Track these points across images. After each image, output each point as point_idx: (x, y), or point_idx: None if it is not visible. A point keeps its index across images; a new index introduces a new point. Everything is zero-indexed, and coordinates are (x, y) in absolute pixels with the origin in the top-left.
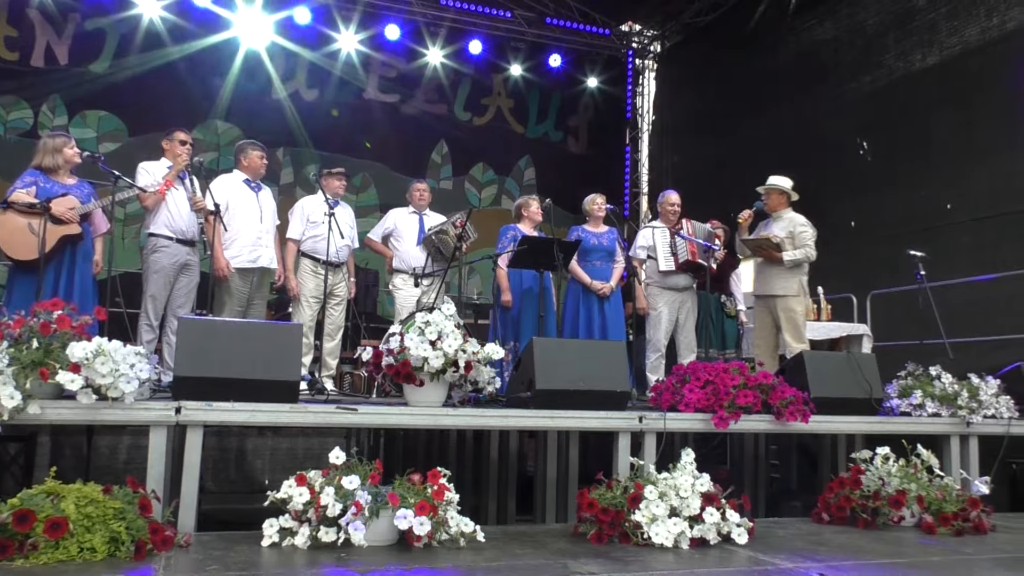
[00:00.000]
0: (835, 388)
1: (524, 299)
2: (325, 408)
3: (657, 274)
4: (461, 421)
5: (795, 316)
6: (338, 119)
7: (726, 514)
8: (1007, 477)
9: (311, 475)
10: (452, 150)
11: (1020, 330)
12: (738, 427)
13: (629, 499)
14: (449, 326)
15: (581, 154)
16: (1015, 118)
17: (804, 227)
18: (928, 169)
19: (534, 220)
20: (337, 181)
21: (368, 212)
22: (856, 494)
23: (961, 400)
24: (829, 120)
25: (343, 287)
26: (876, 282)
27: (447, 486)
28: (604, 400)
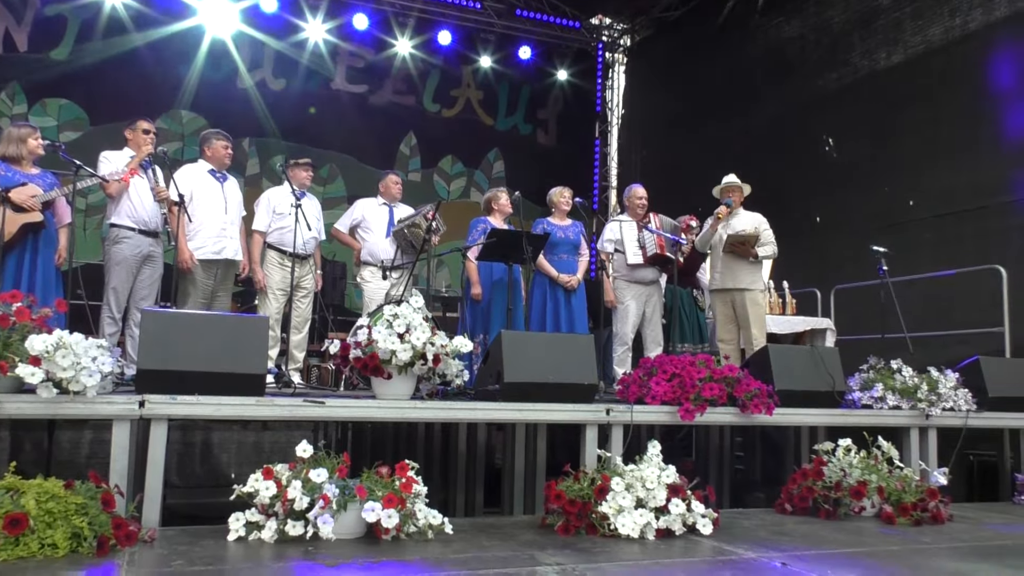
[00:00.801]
0: (799, 381)
1: (494, 292)
2: (292, 401)
3: (624, 268)
4: (429, 414)
5: (759, 310)
6: (306, 109)
7: (691, 505)
8: (964, 468)
9: (278, 468)
10: (421, 142)
11: (978, 325)
12: (704, 419)
13: (596, 491)
14: (417, 319)
15: (550, 147)
16: (977, 117)
17: (765, 223)
18: (892, 166)
19: (504, 213)
20: (304, 172)
21: (335, 204)
22: (818, 485)
23: (921, 393)
24: (796, 117)
25: (310, 279)
26: (840, 277)
27: (415, 479)
28: (572, 393)
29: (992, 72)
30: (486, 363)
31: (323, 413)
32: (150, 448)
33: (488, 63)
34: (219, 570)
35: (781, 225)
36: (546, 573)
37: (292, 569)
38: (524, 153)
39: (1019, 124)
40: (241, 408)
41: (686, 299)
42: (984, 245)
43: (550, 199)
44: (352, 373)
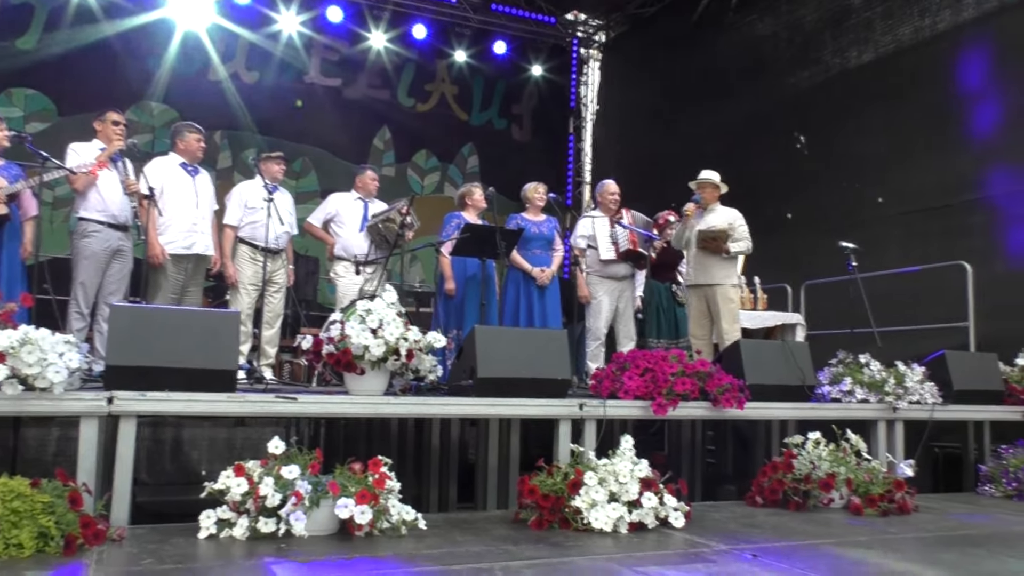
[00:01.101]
0: (770, 375)
1: (467, 287)
2: (264, 397)
3: (597, 263)
4: (402, 409)
5: (732, 305)
6: (280, 102)
7: (664, 499)
8: (930, 460)
9: (249, 465)
10: (395, 136)
11: (944, 320)
12: (676, 414)
13: (569, 485)
14: (391, 314)
15: (525, 142)
16: (944, 117)
17: (740, 219)
18: (862, 164)
19: (478, 208)
20: (276, 165)
21: (308, 198)
22: (788, 478)
23: (888, 387)
24: (769, 114)
25: (282, 274)
26: (810, 272)
27: (388, 475)
28: (545, 388)
29: (960, 72)
30: (459, 358)
31: (295, 409)
32: (119, 445)
33: (463, 57)
34: (190, 568)
35: (754, 221)
36: (519, 568)
37: (264, 567)
38: (499, 148)
39: (985, 124)
40: (212, 404)
41: (664, 294)
42: (950, 242)
43: (524, 194)
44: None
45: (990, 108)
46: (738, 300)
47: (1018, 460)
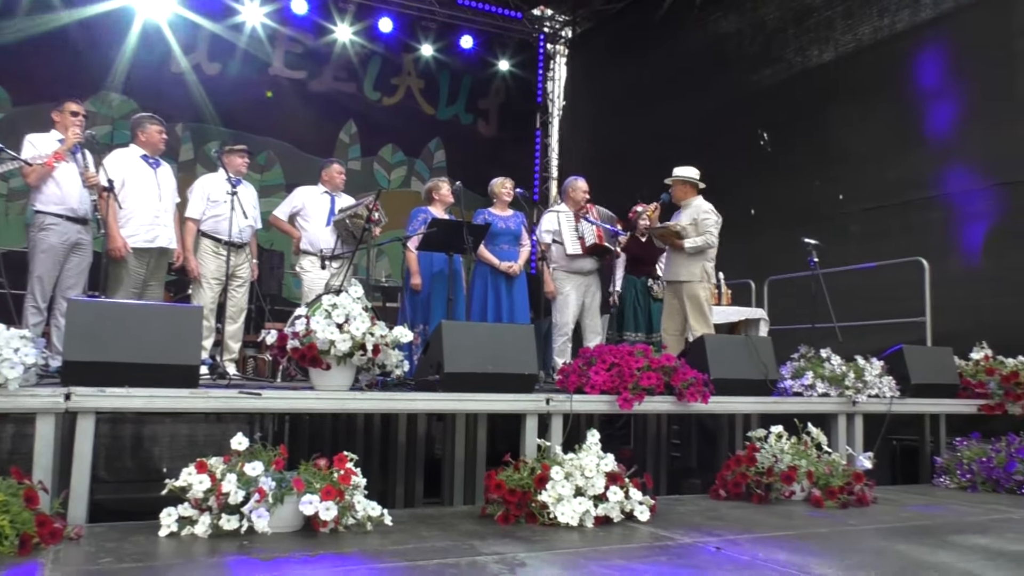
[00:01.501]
0: (733, 370)
1: (434, 282)
2: (227, 393)
3: (563, 258)
4: (368, 405)
5: (699, 301)
6: (243, 95)
7: (629, 492)
8: (888, 453)
9: (212, 462)
10: (361, 130)
11: (902, 315)
12: (642, 408)
13: (536, 480)
14: (357, 309)
15: (492, 137)
16: (903, 116)
17: (707, 214)
18: (824, 161)
19: (445, 203)
20: (239, 159)
21: (273, 191)
22: (751, 471)
23: (848, 381)
24: (732, 111)
25: (246, 268)
26: (773, 268)
27: (354, 470)
28: (512, 383)
29: (918, 72)
30: (426, 353)
31: (259, 405)
32: (76, 442)
33: (429, 52)
34: (150, 567)
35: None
36: (485, 563)
37: (226, 564)
38: (465, 143)
39: (941, 123)
40: (174, 400)
41: (639, 288)
42: (908, 238)
43: (491, 189)
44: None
45: (947, 107)
46: (704, 296)
47: (972, 452)
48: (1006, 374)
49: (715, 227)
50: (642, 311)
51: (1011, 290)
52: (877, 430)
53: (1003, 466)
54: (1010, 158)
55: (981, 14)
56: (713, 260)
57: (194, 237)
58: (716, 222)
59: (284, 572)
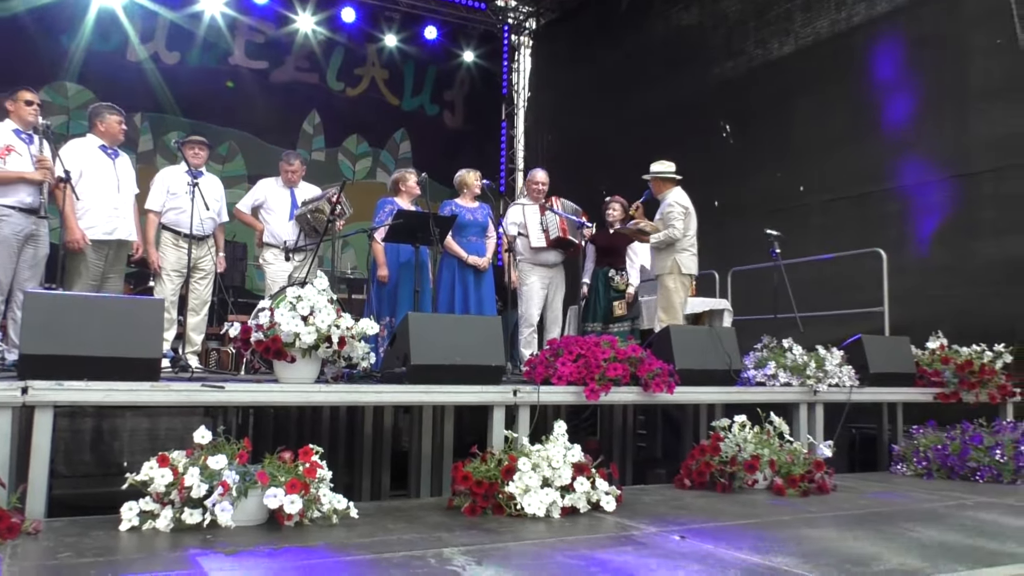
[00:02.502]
0: (698, 360)
1: (401, 274)
2: (189, 386)
3: (528, 251)
4: (334, 398)
5: (668, 293)
6: (203, 84)
7: (596, 483)
8: (847, 441)
9: (174, 456)
10: (325, 120)
11: (861, 305)
12: (608, 399)
13: (503, 471)
14: (322, 301)
15: (457, 128)
16: (860, 107)
17: (671, 206)
18: (784, 153)
19: (412, 194)
20: (197, 151)
21: (235, 183)
22: (715, 460)
23: (809, 370)
24: (696, 103)
25: (208, 260)
26: (737, 259)
27: (319, 463)
28: (479, 374)
29: (874, 64)
30: (393, 345)
31: (223, 398)
32: (34, 436)
33: (393, 42)
34: (110, 561)
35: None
36: (452, 555)
37: (189, 558)
38: (431, 134)
39: (897, 115)
40: (134, 394)
41: (600, 278)
42: (867, 230)
43: (461, 180)
44: (254, 357)
45: (903, 100)
46: (674, 287)
47: (928, 440)
48: (960, 363)
49: (679, 219)
50: (602, 301)
51: (965, 280)
52: (837, 419)
53: (958, 453)
54: (964, 151)
55: (935, 8)
56: (688, 251)
57: (155, 229)
58: (682, 212)
59: (248, 565)
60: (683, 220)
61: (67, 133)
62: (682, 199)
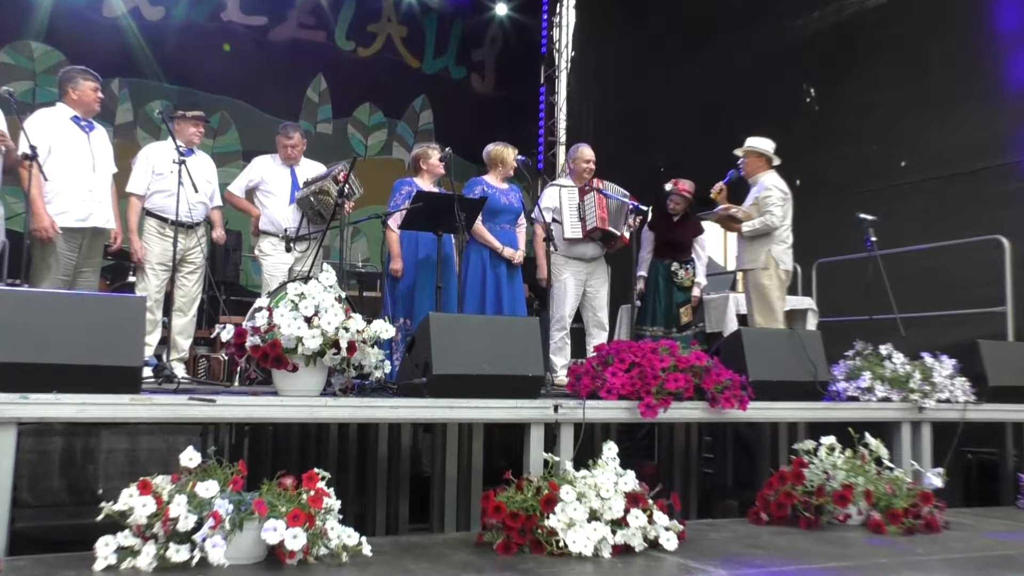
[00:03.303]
0: (776, 370)
1: (420, 268)
2: (175, 399)
3: (562, 241)
4: (343, 413)
5: (763, 292)
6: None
7: (653, 516)
8: (961, 468)
9: (157, 481)
10: (332, 86)
11: (978, 304)
12: (667, 416)
13: (542, 502)
14: (328, 299)
15: (488, 95)
16: (976, 66)
17: (769, 190)
18: (881, 121)
19: (434, 174)
20: (192, 128)
21: (228, 160)
22: (798, 490)
23: (913, 383)
24: (772, 63)
25: (198, 253)
26: (823, 249)
27: (326, 491)
28: (514, 386)
29: (994, 12)
30: (411, 352)
31: (213, 413)
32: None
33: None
34: None
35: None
36: None
37: None
38: (457, 102)
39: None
40: (112, 408)
41: (662, 274)
42: (984, 213)
43: (497, 155)
44: (249, 364)
45: None
46: (771, 285)
47: None
48: None
49: (778, 205)
50: (662, 301)
51: None
52: (948, 441)
53: None
54: None
55: None
56: (785, 243)
57: (138, 215)
58: (781, 198)
59: None
60: (782, 207)
61: (32, 102)
62: (780, 183)
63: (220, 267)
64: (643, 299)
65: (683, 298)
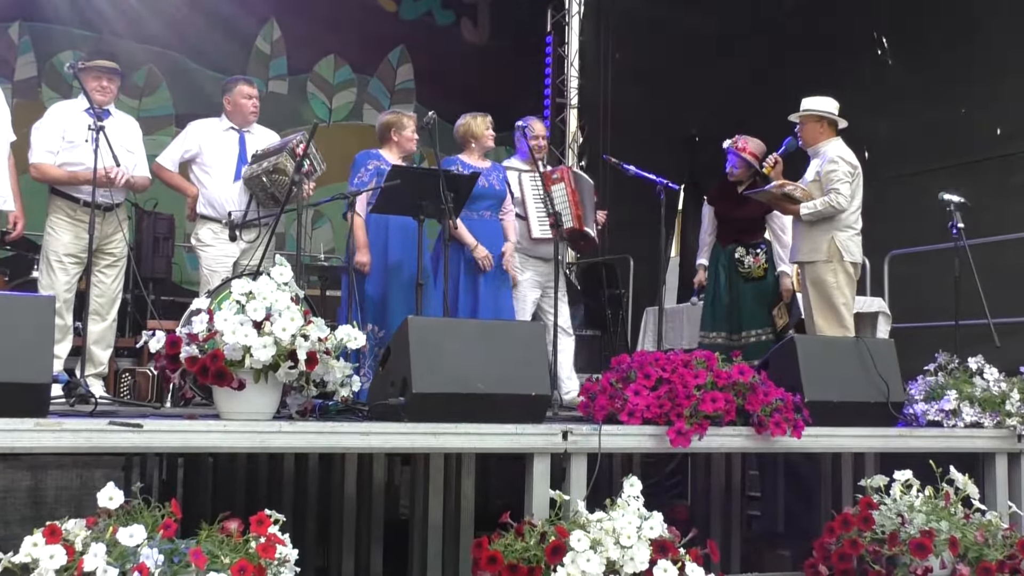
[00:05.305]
0: (839, 388)
1: (391, 261)
2: (91, 424)
3: (525, 238)
4: (301, 441)
5: (826, 290)
6: None
7: (685, 569)
8: None
9: (69, 527)
10: (288, 34)
11: None
12: (704, 444)
13: (548, 551)
14: (283, 300)
15: (482, 46)
16: None
17: (834, 164)
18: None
19: (406, 148)
20: (94, 81)
21: (157, 126)
22: (866, 537)
23: (1011, 405)
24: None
25: (120, 241)
26: (897, 238)
27: (279, 538)
28: (514, 408)
29: None
30: (385, 366)
31: (140, 441)
32: None
33: None
34: None
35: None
36: None
37: None
38: (443, 54)
39: None
40: (11, 435)
41: (724, 263)
42: None
43: (463, 130)
44: (184, 381)
45: None
46: (835, 282)
47: None
48: None
49: (846, 182)
50: (723, 299)
51: None
52: None
53: None
54: None
55: None
56: (852, 228)
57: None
58: (849, 173)
59: None
60: (851, 185)
61: None
62: (848, 155)
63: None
64: (706, 296)
65: (754, 293)
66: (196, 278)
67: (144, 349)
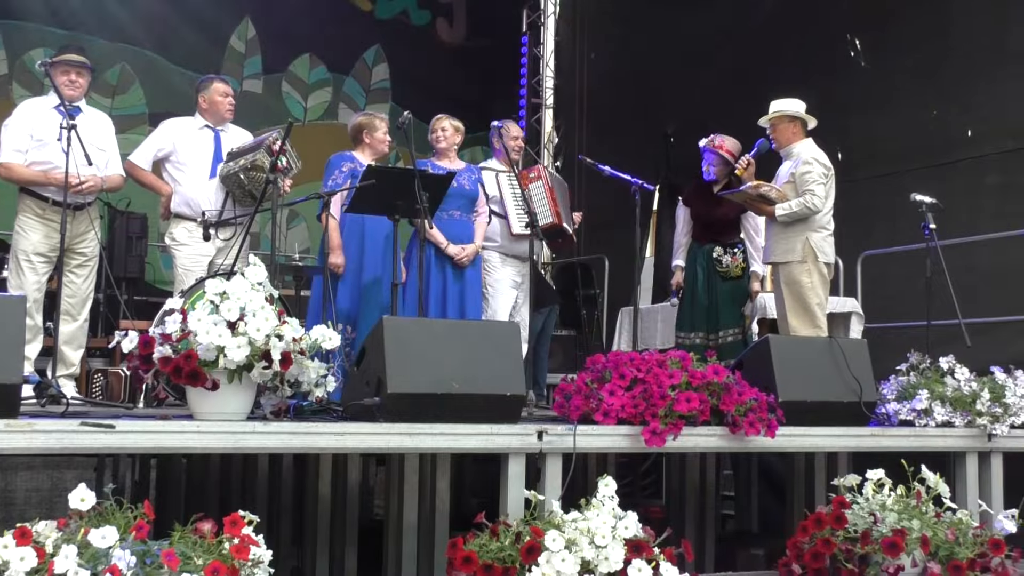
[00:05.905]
0: (812, 388)
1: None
2: (63, 425)
3: (505, 236)
4: (275, 441)
5: (800, 291)
6: None
7: (660, 569)
8: None
9: (39, 528)
10: (263, 33)
11: None
12: (678, 444)
13: (523, 551)
14: (257, 300)
15: (458, 46)
16: None
17: (808, 165)
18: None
19: (378, 150)
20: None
21: (131, 124)
22: (839, 536)
23: (981, 404)
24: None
25: (91, 240)
26: (869, 239)
27: (253, 539)
28: (489, 408)
29: None
30: (360, 366)
31: (112, 442)
32: None
33: None
34: None
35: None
36: None
37: None
38: (418, 53)
39: None
40: None
41: (702, 262)
42: None
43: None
44: (157, 381)
45: None
46: (809, 283)
47: None
48: None
49: (820, 183)
50: (701, 299)
51: None
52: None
53: None
54: None
55: None
56: (825, 229)
57: None
58: (823, 174)
59: None
60: (824, 185)
61: None
62: (821, 156)
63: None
64: (682, 296)
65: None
66: (169, 278)
67: (116, 349)
